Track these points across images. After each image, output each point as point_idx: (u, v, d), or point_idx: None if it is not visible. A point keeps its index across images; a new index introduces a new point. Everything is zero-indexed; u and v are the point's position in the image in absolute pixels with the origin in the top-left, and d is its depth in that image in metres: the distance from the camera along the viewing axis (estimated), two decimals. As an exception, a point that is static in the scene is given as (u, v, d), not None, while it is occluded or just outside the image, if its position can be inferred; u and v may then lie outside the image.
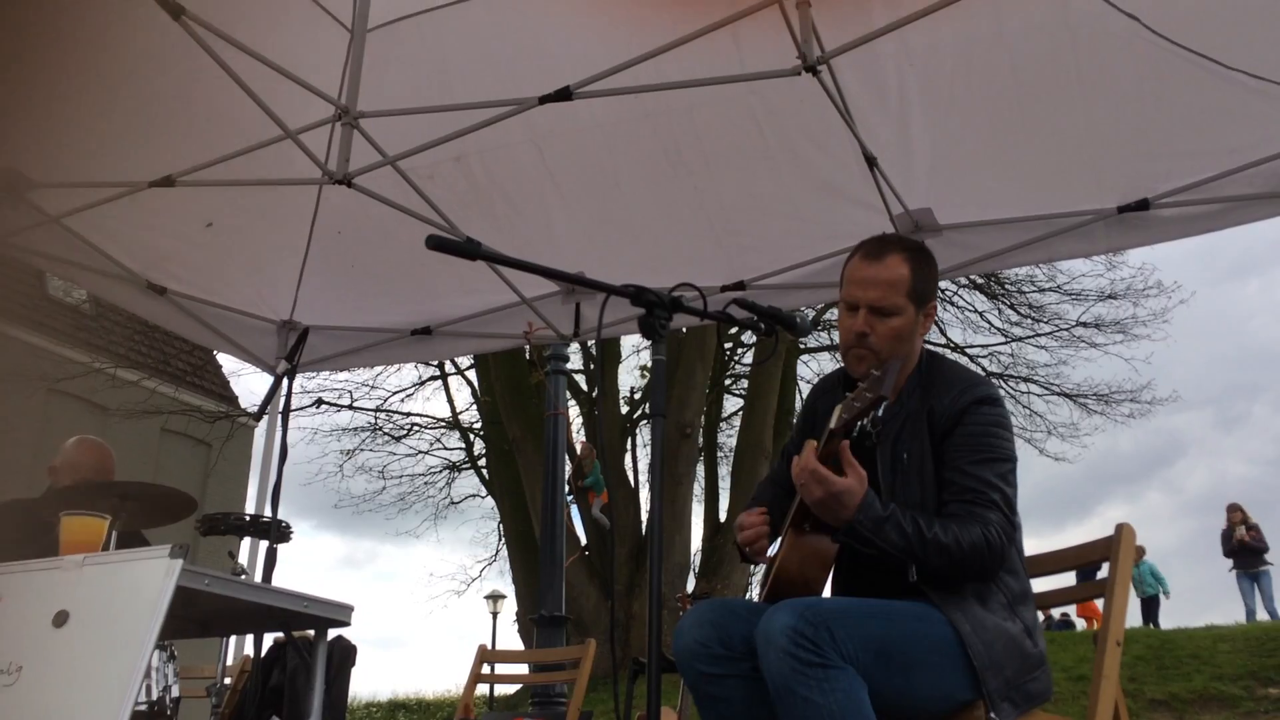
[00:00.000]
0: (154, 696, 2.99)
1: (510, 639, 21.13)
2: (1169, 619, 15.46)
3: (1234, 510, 14.76)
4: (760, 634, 1.99)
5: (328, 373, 15.12)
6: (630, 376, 20.80)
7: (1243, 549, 14.28)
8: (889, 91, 3.74)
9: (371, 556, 53.91)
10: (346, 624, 2.77)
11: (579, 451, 13.76)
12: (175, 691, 3.10)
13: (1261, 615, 13.86)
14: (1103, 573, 2.34)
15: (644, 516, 14.75)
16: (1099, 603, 2.31)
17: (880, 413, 2.27)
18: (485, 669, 4.64)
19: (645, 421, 16.63)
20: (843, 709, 1.89)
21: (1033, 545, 2.32)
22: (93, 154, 4.20)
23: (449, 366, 17.30)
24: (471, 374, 16.80)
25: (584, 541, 13.91)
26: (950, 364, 2.40)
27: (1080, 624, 17.54)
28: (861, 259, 2.34)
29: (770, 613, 1.99)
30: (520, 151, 4.25)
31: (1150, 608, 15.68)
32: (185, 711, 3.25)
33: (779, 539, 2.37)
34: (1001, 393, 2.86)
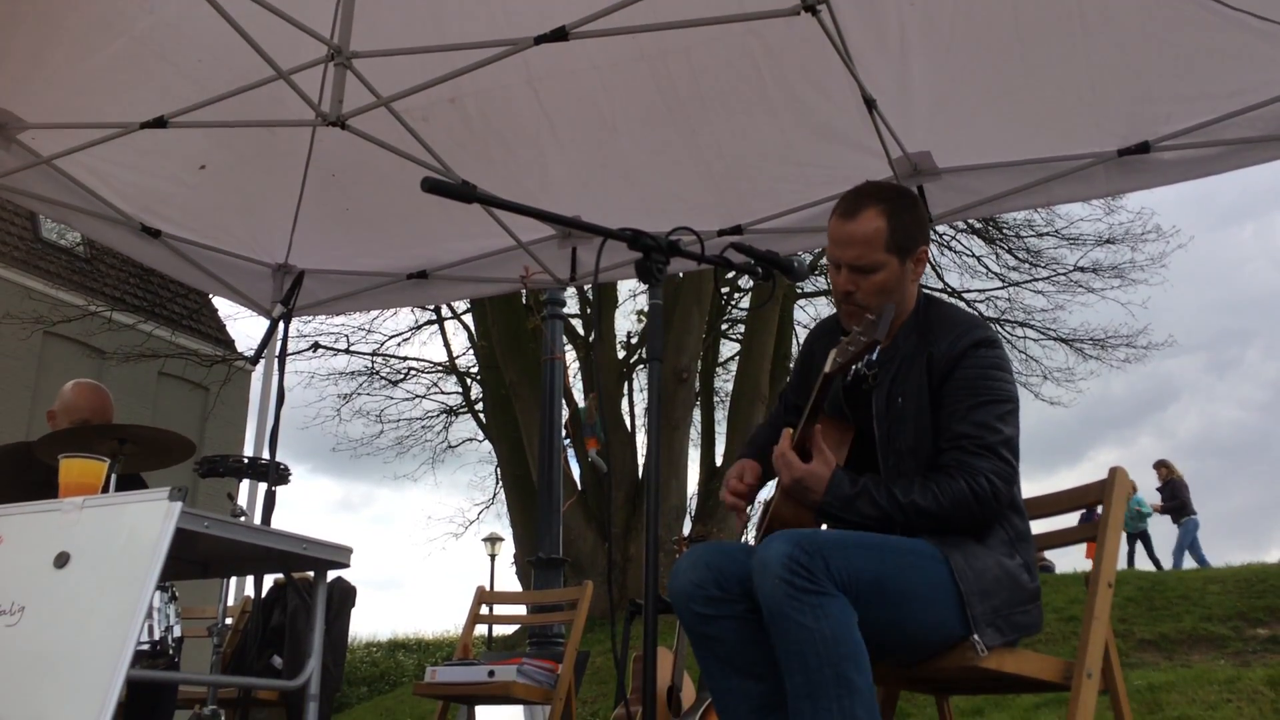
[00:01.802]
0: (156, 636, 3.03)
1: (508, 581, 21.39)
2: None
3: (1159, 466, 15.33)
4: (757, 561, 2.02)
5: (324, 317, 15.07)
6: (627, 321, 20.76)
7: (1162, 513, 15.10)
8: (889, 32, 3.69)
9: (367, 500, 54.33)
10: (346, 566, 2.79)
11: (588, 403, 13.80)
12: (177, 631, 3.14)
13: (1187, 563, 14.39)
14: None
15: (640, 460, 14.83)
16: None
17: (875, 356, 2.28)
18: (484, 610, 4.70)
19: (642, 366, 16.64)
20: (834, 635, 1.92)
21: (1024, 489, 2.34)
22: (83, 94, 4.15)
23: (445, 311, 17.29)
24: (468, 318, 16.80)
25: (581, 485, 13.99)
26: (948, 307, 2.40)
27: (1065, 569, 17.77)
28: (838, 217, 2.31)
29: (767, 542, 2.02)
30: (516, 93, 4.20)
31: (1145, 542, 15.87)
32: (187, 651, 3.29)
33: (774, 485, 2.39)
34: (999, 334, 2.87)
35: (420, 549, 41.94)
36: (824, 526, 2.29)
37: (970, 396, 2.19)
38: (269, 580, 4.33)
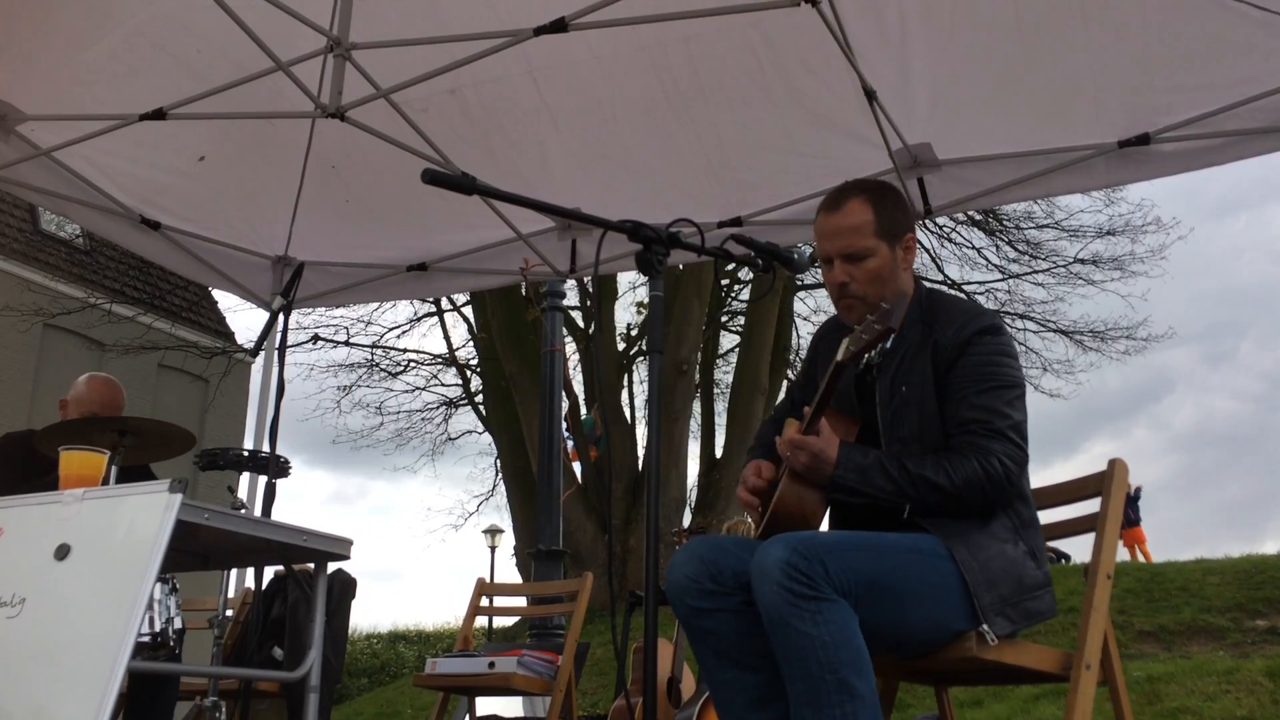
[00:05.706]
0: (157, 628, 3.04)
1: (508, 573, 21.40)
2: (1158, 552, 15.68)
3: None
4: (755, 567, 2.01)
5: (324, 309, 15.10)
6: (627, 313, 20.80)
7: None
8: (889, 23, 3.68)
9: (362, 492, 54.32)
10: (346, 557, 2.79)
11: (593, 414, 13.87)
12: (178, 623, 3.15)
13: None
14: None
15: (641, 452, 14.84)
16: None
17: (889, 344, 2.29)
18: (484, 601, 4.71)
19: (642, 358, 16.65)
20: (835, 641, 1.92)
21: (1022, 481, 2.34)
22: (82, 86, 4.14)
23: (445, 303, 17.29)
24: (468, 310, 16.79)
25: (580, 478, 14.00)
26: (951, 297, 2.42)
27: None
28: (823, 213, 2.36)
29: (765, 547, 2.02)
30: (516, 84, 4.19)
31: None
32: (188, 642, 3.30)
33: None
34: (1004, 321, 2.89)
35: (420, 541, 42.02)
36: (826, 523, 2.29)
37: (978, 382, 2.19)
38: (269, 572, 4.34)
